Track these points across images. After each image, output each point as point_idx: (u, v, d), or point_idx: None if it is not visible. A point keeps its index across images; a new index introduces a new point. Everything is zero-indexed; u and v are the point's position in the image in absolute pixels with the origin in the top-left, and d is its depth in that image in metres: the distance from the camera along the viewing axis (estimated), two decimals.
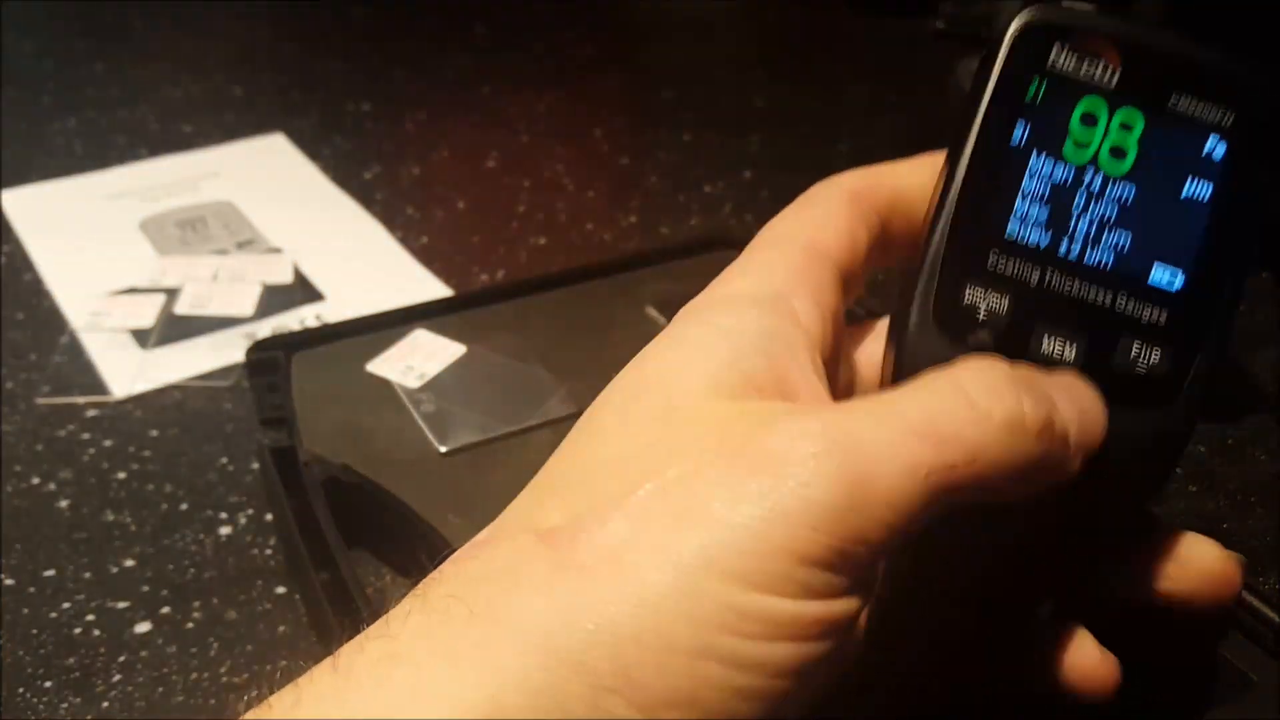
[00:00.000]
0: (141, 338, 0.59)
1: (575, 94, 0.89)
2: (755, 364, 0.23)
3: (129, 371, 0.56)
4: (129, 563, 0.46)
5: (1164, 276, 0.24)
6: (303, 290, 0.63)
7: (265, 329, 0.59)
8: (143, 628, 0.43)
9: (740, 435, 0.22)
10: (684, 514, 0.21)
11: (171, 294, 0.62)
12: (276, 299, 0.62)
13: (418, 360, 0.48)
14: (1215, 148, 0.24)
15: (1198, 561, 0.26)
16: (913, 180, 0.27)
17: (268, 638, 0.42)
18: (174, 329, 0.59)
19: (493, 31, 0.99)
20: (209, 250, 0.67)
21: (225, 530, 0.47)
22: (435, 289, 0.64)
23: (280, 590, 0.44)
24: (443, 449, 0.43)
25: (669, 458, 0.22)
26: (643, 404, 0.23)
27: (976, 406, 0.22)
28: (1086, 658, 0.26)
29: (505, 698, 0.19)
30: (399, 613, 0.21)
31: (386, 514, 0.41)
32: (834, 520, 0.20)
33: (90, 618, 0.43)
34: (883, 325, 0.28)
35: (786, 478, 0.20)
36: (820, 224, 0.26)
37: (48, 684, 0.40)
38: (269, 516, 0.47)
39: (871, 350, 0.28)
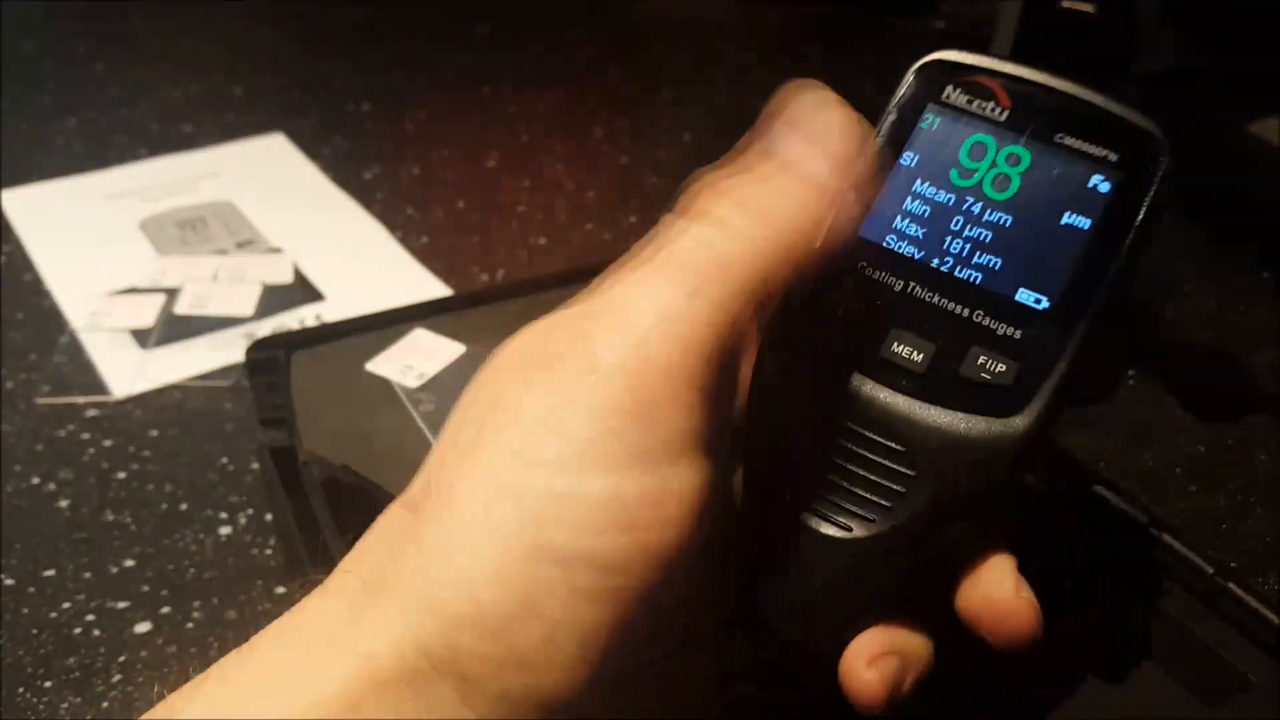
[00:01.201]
0: (141, 338, 0.59)
1: (575, 94, 0.89)
2: None
3: (129, 371, 0.56)
4: (129, 563, 0.46)
5: (1029, 297, 0.26)
6: (303, 290, 0.63)
7: (265, 329, 0.59)
8: (143, 628, 0.43)
9: (543, 349, 0.23)
10: (500, 430, 0.21)
11: (171, 294, 0.62)
12: (276, 299, 0.62)
13: (417, 360, 0.48)
14: (1097, 184, 0.26)
15: (986, 587, 0.26)
16: None
17: None
18: (174, 329, 0.59)
19: (493, 31, 0.99)
20: (209, 250, 0.67)
21: (225, 530, 0.47)
22: (435, 289, 0.64)
23: (280, 590, 0.44)
24: None
25: (493, 396, 0.23)
26: (488, 368, 0.24)
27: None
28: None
29: (377, 654, 0.20)
30: (303, 601, 0.22)
31: None
32: (610, 352, 0.21)
33: (90, 618, 0.43)
34: None
35: (565, 353, 0.22)
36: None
37: (48, 684, 0.40)
38: (269, 516, 0.47)
39: None
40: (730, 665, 0.27)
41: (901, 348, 0.26)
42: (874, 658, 0.25)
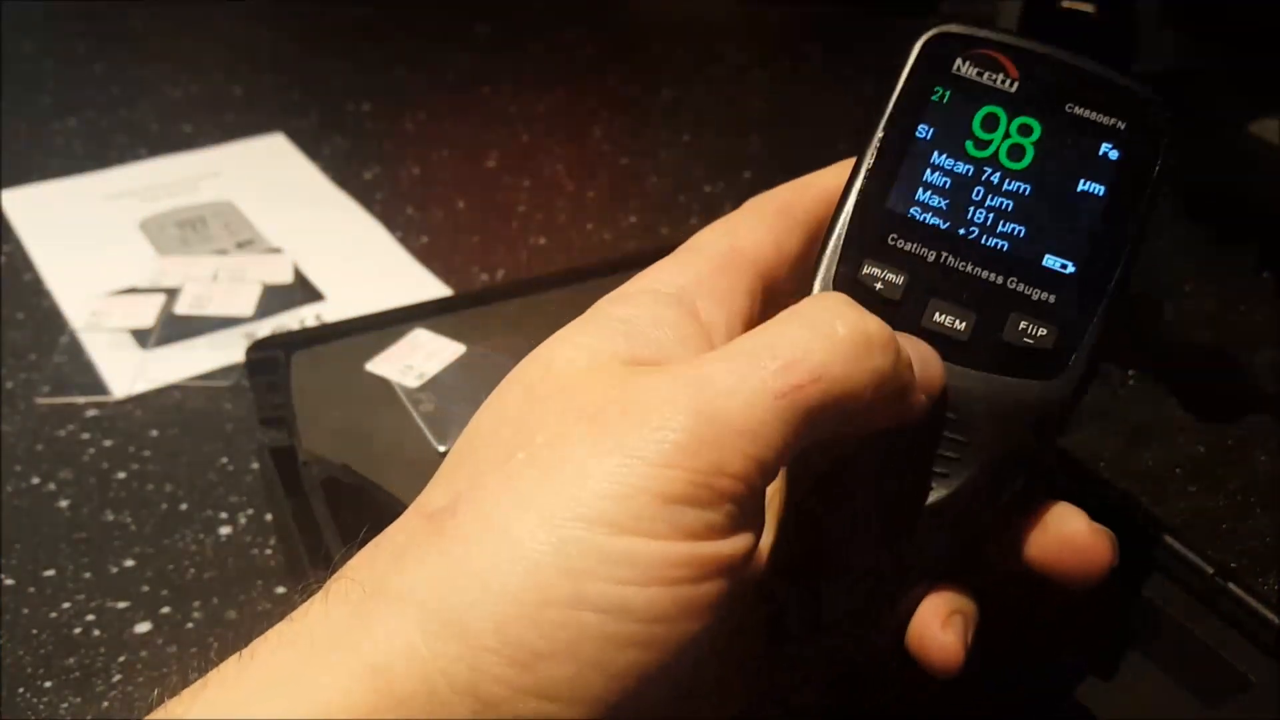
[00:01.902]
0: (141, 338, 0.59)
1: (575, 94, 0.89)
2: (640, 347, 0.24)
3: (129, 371, 0.56)
4: (129, 563, 0.46)
5: (1055, 262, 0.26)
6: (303, 290, 0.63)
7: (265, 329, 0.59)
8: (143, 628, 0.43)
9: (604, 397, 0.22)
10: (551, 471, 0.21)
11: (171, 294, 0.62)
12: (276, 299, 0.62)
13: (417, 360, 0.48)
14: (1107, 152, 0.27)
15: (1059, 528, 0.27)
16: (840, 181, 0.28)
17: None
18: (174, 329, 0.59)
19: (493, 31, 0.99)
20: (209, 250, 0.67)
21: (225, 530, 0.47)
22: (435, 289, 0.64)
23: (280, 590, 0.44)
24: (442, 449, 0.43)
25: (540, 425, 0.22)
26: (522, 383, 0.24)
27: (819, 328, 0.22)
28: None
29: (390, 666, 0.20)
30: (305, 605, 0.22)
31: (386, 514, 0.41)
32: (688, 456, 0.21)
33: (90, 618, 0.43)
34: None
35: (641, 425, 0.21)
36: (742, 233, 0.28)
37: (48, 684, 0.40)
38: (269, 516, 0.47)
39: None
40: (754, 697, 0.27)
41: (944, 317, 0.26)
42: (944, 620, 0.26)
